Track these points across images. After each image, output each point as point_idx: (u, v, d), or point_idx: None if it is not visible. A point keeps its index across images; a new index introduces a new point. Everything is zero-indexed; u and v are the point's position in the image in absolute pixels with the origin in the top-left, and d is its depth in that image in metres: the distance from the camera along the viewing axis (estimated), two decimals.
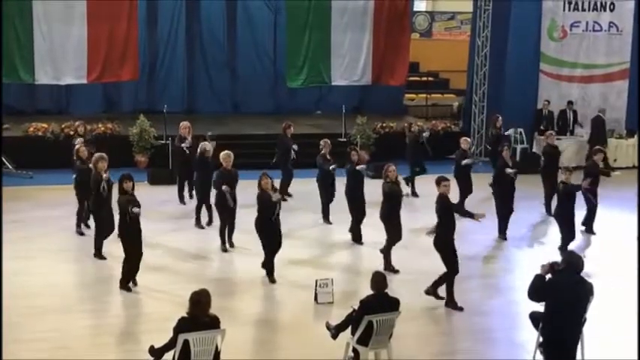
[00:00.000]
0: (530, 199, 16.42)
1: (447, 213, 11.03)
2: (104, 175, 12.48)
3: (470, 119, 22.90)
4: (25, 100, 22.68)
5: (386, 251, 12.58)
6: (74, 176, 14.13)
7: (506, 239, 14.59)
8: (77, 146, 14.42)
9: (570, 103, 22.55)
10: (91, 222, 13.70)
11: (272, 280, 12.02)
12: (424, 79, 27.59)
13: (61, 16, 20.40)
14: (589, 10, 23.00)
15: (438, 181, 11.13)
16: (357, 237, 14.14)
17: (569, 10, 22.94)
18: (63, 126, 19.51)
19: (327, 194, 15.26)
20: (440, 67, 27.58)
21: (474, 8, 23.17)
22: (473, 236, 14.04)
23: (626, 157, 21.86)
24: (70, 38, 20.60)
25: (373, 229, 13.42)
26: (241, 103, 24.60)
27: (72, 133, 17.76)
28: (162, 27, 23.65)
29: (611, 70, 23.36)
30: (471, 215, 11.39)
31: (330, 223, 15.26)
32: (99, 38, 20.70)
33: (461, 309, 11.07)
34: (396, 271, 12.39)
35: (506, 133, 18.89)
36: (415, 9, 26.87)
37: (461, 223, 11.77)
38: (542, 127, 21.35)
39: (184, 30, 23.86)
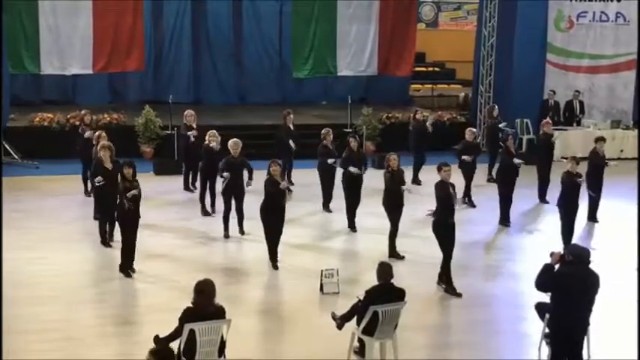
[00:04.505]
0: (530, 188, 16.48)
1: (445, 198, 11.10)
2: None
3: (476, 110, 22.85)
4: (31, 91, 22.72)
5: (390, 238, 12.64)
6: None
7: (509, 225, 14.70)
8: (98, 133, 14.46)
9: (577, 92, 22.49)
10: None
11: (275, 267, 12.08)
12: (430, 69, 27.54)
13: (67, 9, 20.47)
14: (596, 1, 22.92)
15: (439, 167, 11.32)
16: (350, 224, 14.26)
17: (576, 0, 22.85)
18: (69, 116, 19.54)
19: (328, 184, 15.33)
20: (446, 58, 27.54)
21: None
22: (474, 224, 14.11)
23: (633, 148, 21.78)
24: (76, 30, 20.70)
25: (375, 216, 13.41)
26: (247, 93, 24.60)
27: (78, 123, 17.83)
28: (169, 17, 23.63)
29: (617, 60, 23.29)
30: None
31: (330, 212, 15.30)
32: (105, 29, 20.77)
33: (459, 295, 11.14)
34: (400, 257, 12.47)
35: (499, 125, 18.70)
36: None
37: (464, 211, 11.81)
38: (548, 118, 21.31)
39: (190, 20, 23.83)
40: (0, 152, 18.31)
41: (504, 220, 14.79)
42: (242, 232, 13.71)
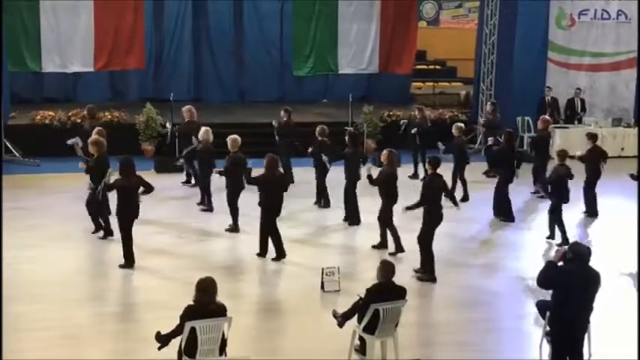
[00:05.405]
0: (528, 185, 16.43)
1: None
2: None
3: (477, 108, 22.83)
4: (32, 88, 22.72)
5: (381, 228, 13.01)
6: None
7: (510, 220, 14.80)
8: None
9: (578, 90, 22.46)
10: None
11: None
12: (431, 67, 27.54)
13: (68, 7, 20.48)
14: None
15: None
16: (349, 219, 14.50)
17: None
18: (70, 114, 19.54)
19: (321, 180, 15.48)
20: (447, 56, 27.52)
21: None
22: (472, 222, 14.22)
23: (634, 146, 21.75)
24: (77, 28, 20.70)
25: (373, 213, 13.41)
26: (248, 91, 24.57)
27: (79, 120, 17.85)
28: (169, 15, 23.59)
29: (619, 58, 23.26)
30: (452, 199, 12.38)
31: (321, 206, 15.44)
32: (106, 27, 20.77)
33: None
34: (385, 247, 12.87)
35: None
36: None
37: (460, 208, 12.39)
38: (547, 115, 21.27)
39: (191, 18, 23.79)
40: (1, 150, 18.31)
41: (504, 214, 14.87)
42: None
